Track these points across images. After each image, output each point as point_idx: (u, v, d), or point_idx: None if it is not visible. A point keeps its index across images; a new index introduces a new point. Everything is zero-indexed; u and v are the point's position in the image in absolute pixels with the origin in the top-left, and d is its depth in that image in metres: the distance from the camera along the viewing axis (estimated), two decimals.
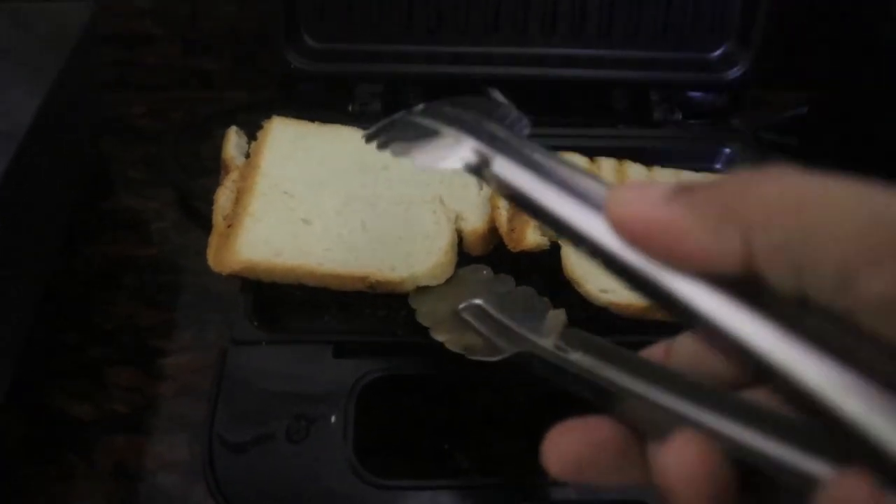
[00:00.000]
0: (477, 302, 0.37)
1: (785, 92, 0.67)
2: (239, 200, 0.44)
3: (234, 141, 0.47)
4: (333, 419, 0.36)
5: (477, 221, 0.44)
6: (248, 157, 0.47)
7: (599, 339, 0.25)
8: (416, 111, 0.30)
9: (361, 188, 0.45)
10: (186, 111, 0.66)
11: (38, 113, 0.44)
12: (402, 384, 0.39)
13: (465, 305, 0.37)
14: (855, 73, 0.58)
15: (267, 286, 0.41)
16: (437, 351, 0.35)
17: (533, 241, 0.42)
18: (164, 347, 0.49)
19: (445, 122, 0.27)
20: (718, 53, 0.56)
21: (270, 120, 0.48)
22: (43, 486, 0.42)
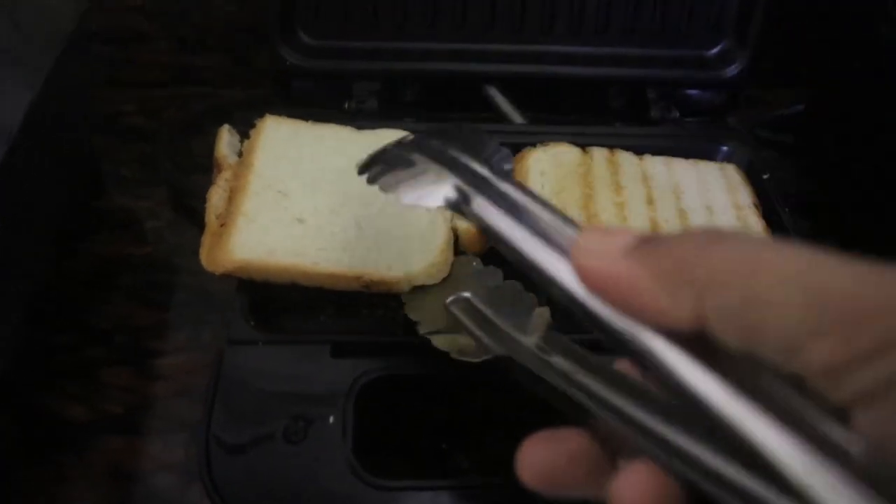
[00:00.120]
0: (465, 295, 0.37)
1: (781, 90, 0.67)
2: (232, 199, 0.43)
3: (226, 139, 0.46)
4: (332, 419, 0.36)
5: None
6: (240, 155, 0.46)
7: (579, 347, 0.26)
8: (406, 143, 0.33)
9: (356, 187, 0.44)
10: (180, 109, 0.66)
11: (29, 111, 0.43)
12: (400, 384, 0.39)
13: (453, 299, 0.37)
14: (851, 71, 0.58)
15: (263, 286, 0.41)
16: (436, 351, 0.35)
17: None
18: (159, 347, 0.49)
19: (431, 158, 0.29)
20: (715, 51, 0.56)
21: (264, 118, 0.48)
22: (37, 487, 0.42)
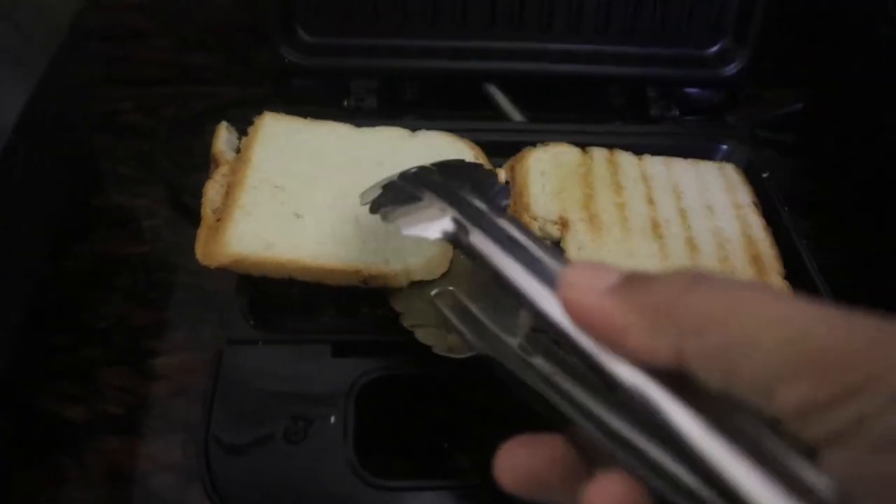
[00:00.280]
0: (450, 289, 0.37)
1: (779, 89, 0.67)
2: (229, 194, 0.43)
3: (224, 136, 0.46)
4: (333, 419, 0.35)
5: None
6: (238, 152, 0.46)
7: (562, 351, 0.27)
8: (408, 175, 0.34)
9: (354, 183, 0.44)
10: (178, 107, 0.65)
11: (25, 110, 0.43)
12: (401, 384, 0.39)
13: (438, 292, 0.37)
14: (851, 70, 0.58)
15: (263, 285, 0.40)
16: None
17: None
18: (157, 347, 0.49)
19: (432, 191, 0.31)
20: (715, 50, 0.56)
21: (262, 115, 0.48)
22: (36, 488, 0.42)
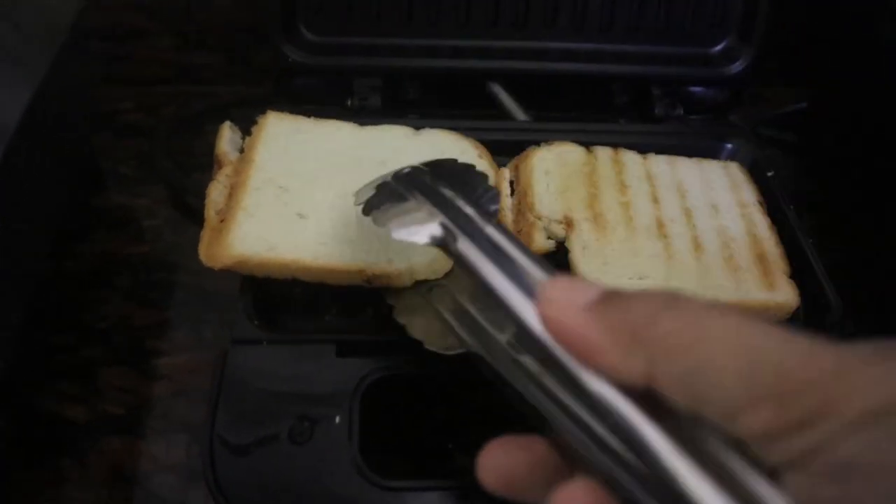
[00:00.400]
0: (443, 283, 0.37)
1: (782, 88, 0.67)
2: (232, 195, 0.42)
3: (227, 136, 0.46)
4: (338, 419, 0.35)
5: None
6: (241, 152, 0.46)
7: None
8: (402, 176, 0.34)
9: (358, 183, 0.43)
10: (179, 106, 0.65)
11: (27, 109, 0.43)
12: (406, 384, 0.39)
13: (433, 287, 0.37)
14: (854, 69, 0.58)
15: (266, 285, 0.40)
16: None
17: (541, 244, 0.42)
18: (158, 347, 0.48)
19: (423, 195, 0.32)
20: (720, 48, 0.55)
21: (265, 115, 0.47)
22: (35, 490, 0.41)
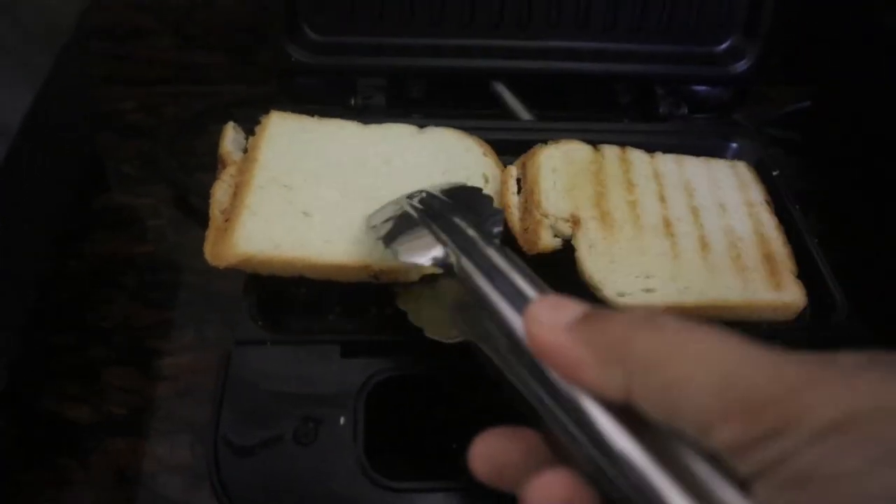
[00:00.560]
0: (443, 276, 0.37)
1: (785, 87, 0.67)
2: (237, 194, 0.42)
3: (231, 136, 0.45)
4: (342, 420, 0.35)
5: None
6: (245, 152, 0.46)
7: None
8: (413, 199, 0.37)
9: (361, 183, 0.43)
10: (181, 106, 0.65)
11: (30, 110, 0.43)
12: (411, 384, 0.38)
13: (437, 277, 0.38)
14: (857, 67, 0.57)
15: (271, 285, 0.40)
16: (447, 350, 0.34)
17: (548, 242, 0.41)
18: (162, 348, 0.48)
19: (430, 218, 0.34)
20: (724, 47, 0.55)
21: (269, 115, 0.47)
22: (39, 491, 0.41)
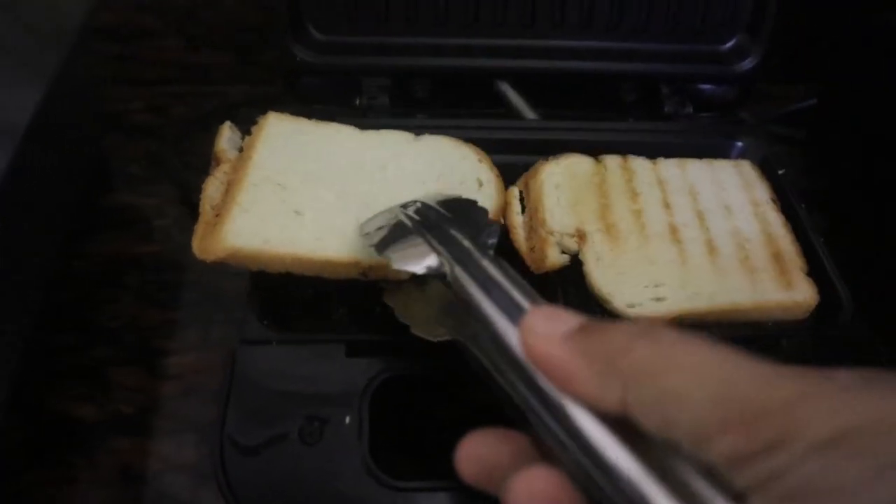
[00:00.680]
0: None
1: (789, 85, 0.67)
2: (229, 191, 0.42)
3: (227, 135, 0.45)
4: (348, 420, 0.35)
5: None
6: (241, 151, 0.45)
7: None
8: (408, 208, 0.36)
9: (356, 187, 0.43)
10: (187, 106, 0.65)
11: (37, 110, 0.43)
12: (415, 383, 0.39)
13: (428, 279, 0.36)
14: (863, 65, 0.57)
15: (276, 285, 0.40)
16: (451, 349, 0.34)
17: (555, 259, 0.41)
18: (168, 347, 0.49)
19: (426, 227, 0.33)
20: (730, 45, 0.55)
21: (266, 115, 0.47)
22: (45, 490, 0.41)
